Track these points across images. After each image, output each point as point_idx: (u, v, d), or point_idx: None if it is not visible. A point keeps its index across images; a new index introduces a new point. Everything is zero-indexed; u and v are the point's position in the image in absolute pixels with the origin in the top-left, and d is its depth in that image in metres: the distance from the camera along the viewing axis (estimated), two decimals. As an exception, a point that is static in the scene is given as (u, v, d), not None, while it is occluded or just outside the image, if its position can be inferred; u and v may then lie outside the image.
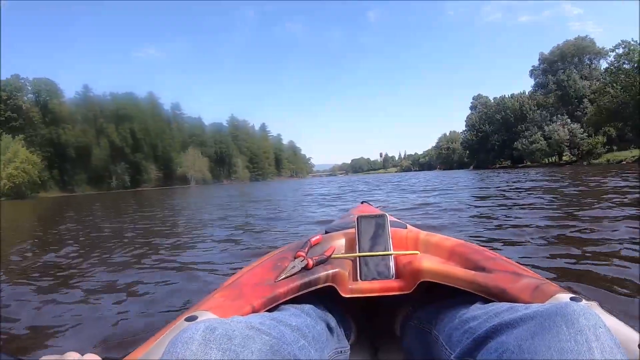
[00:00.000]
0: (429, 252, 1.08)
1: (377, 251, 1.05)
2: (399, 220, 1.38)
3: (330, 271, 0.94)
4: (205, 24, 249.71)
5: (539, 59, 66.55)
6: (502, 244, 3.45)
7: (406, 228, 1.24)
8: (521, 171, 31.47)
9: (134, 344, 0.61)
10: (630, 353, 0.54)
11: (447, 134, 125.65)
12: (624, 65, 40.23)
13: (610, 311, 0.67)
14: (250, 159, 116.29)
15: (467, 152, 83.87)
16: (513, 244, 3.45)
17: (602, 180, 11.45)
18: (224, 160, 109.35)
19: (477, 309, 0.73)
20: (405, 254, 1.06)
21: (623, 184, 9.72)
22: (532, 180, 14.81)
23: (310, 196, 13.95)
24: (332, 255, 1.03)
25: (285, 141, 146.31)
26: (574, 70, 60.33)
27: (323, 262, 0.99)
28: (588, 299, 0.68)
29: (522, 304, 0.65)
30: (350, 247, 1.13)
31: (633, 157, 37.79)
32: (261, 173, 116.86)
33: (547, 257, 2.83)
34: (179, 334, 0.53)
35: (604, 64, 56.65)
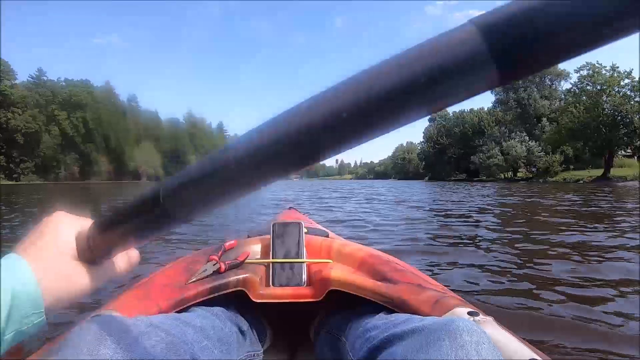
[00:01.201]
0: (341, 261, 1.10)
1: (290, 258, 1.08)
2: (321, 228, 1.42)
3: (241, 276, 0.96)
4: (169, 14, 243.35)
5: (501, 77, 68.98)
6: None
7: (327, 236, 1.28)
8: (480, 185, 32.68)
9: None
10: None
11: (404, 144, 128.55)
12: (587, 87, 42.28)
13: (507, 327, 0.68)
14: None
15: (424, 163, 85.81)
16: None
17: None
18: (178, 156, 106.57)
19: (379, 319, 0.74)
20: (318, 262, 1.09)
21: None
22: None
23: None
24: (246, 261, 1.05)
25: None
26: (535, 89, 63.33)
27: (236, 266, 1.01)
28: (485, 314, 0.70)
29: (418, 317, 0.67)
30: (265, 253, 1.15)
31: (590, 176, 39.68)
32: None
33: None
34: (75, 328, 0.53)
35: (564, 86, 59.76)
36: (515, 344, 0.62)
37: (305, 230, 1.16)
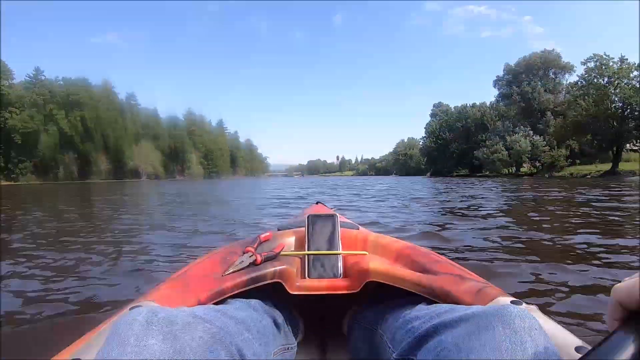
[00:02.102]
0: (378, 253, 1.10)
1: (326, 250, 1.07)
2: (351, 222, 1.42)
3: (278, 267, 0.95)
4: (167, 13, 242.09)
5: (504, 70, 68.46)
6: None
7: (358, 229, 1.28)
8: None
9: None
10: (566, 355, 0.57)
11: (405, 140, 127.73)
12: (595, 80, 41.39)
13: (551, 315, 0.69)
14: (205, 155, 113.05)
15: (425, 158, 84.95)
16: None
17: None
18: (177, 155, 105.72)
19: (420, 310, 0.73)
20: (354, 254, 1.09)
21: None
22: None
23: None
24: (281, 253, 1.05)
25: (242, 139, 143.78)
26: (539, 83, 62.15)
27: (272, 258, 1.00)
28: (529, 304, 0.71)
29: (463, 306, 0.66)
30: (300, 245, 1.15)
31: (598, 171, 38.93)
32: (215, 170, 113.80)
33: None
34: (122, 317, 0.54)
35: (569, 79, 58.83)
36: (561, 331, 0.62)
37: None
